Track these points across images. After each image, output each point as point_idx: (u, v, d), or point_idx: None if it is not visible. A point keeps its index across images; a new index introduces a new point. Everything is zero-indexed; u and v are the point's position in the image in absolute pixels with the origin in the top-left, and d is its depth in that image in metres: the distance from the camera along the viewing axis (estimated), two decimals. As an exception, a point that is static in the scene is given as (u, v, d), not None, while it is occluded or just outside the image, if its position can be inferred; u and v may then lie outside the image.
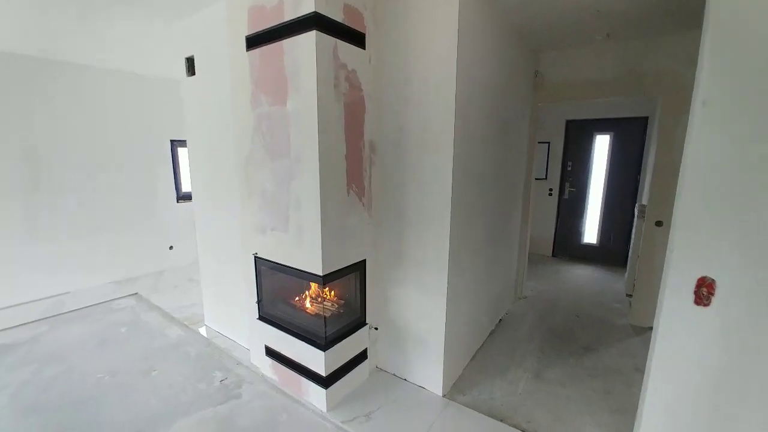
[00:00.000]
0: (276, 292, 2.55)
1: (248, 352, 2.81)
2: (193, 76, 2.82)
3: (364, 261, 2.38)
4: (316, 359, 2.18)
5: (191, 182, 3.18)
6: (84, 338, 3.13)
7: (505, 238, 3.33)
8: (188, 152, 3.09)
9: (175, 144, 4.88)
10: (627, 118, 4.87)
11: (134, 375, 2.63)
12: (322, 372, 2.17)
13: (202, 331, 3.24)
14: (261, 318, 2.51)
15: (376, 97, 2.29)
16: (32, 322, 3.42)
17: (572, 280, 4.72)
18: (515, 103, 3.10)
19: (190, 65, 2.82)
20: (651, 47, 3.07)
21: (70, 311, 3.63)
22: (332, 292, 2.49)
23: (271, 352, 2.49)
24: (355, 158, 2.20)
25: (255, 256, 2.43)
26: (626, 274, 4.43)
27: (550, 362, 2.85)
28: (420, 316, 2.36)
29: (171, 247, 4.96)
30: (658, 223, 3.23)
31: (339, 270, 2.17)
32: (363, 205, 2.31)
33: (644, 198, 4.27)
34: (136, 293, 4.08)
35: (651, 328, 3.48)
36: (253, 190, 2.35)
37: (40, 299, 3.87)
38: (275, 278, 2.46)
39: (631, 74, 3.21)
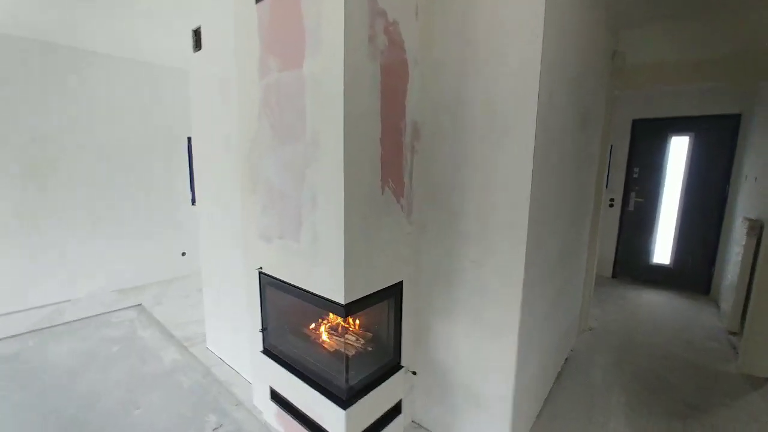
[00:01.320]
0: (285, 318, 1.99)
1: (251, 387, 2.26)
2: (200, 51, 2.36)
3: (401, 283, 1.78)
4: (333, 418, 1.58)
5: (196, 180, 2.71)
6: (70, 358, 2.69)
7: (575, 258, 2.64)
8: (193, 144, 2.64)
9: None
10: (712, 116, 4.05)
11: (113, 412, 2.13)
12: (341, 436, 1.57)
13: (202, 354, 2.73)
14: (265, 351, 1.95)
15: (424, 62, 1.72)
16: (22, 334, 3.03)
17: (644, 308, 3.90)
18: (593, 90, 2.44)
19: (197, 38, 2.36)
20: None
21: (63, 323, 3.23)
22: (357, 321, 1.91)
23: (276, 397, 1.92)
24: (393, 143, 1.62)
25: (259, 272, 1.89)
26: (724, 305, 3.58)
27: (646, 425, 2.11)
28: (477, 362, 1.72)
29: (183, 254, 4.56)
30: (788, 243, 2.44)
31: (368, 297, 1.58)
32: (401, 207, 1.72)
33: (745, 210, 3.45)
34: (139, 304, 3.66)
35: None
36: (257, 184, 1.82)
37: (40, 306, 3.52)
38: (285, 301, 1.91)
39: (743, 53, 2.49)
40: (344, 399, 1.55)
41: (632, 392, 2.42)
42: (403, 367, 1.84)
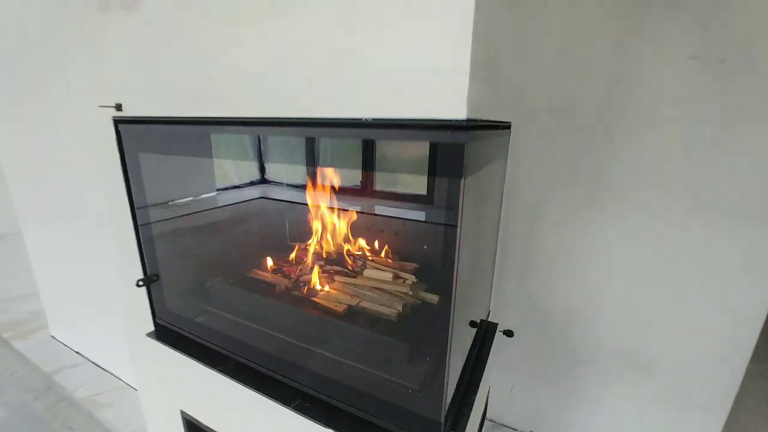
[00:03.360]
0: (206, 244, 0.82)
1: (139, 400, 1.07)
2: None
3: (509, 127, 0.72)
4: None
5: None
6: None
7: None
8: None
9: None
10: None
11: None
12: None
13: (42, 350, 1.41)
14: (159, 333, 0.77)
15: None
16: None
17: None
18: None
19: None
20: None
21: None
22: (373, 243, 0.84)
23: (202, 434, 0.79)
24: None
25: (115, 120, 0.66)
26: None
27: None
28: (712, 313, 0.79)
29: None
30: None
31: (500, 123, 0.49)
32: None
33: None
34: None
35: None
36: None
37: None
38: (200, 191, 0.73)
39: None
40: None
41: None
42: (496, 325, 0.84)
